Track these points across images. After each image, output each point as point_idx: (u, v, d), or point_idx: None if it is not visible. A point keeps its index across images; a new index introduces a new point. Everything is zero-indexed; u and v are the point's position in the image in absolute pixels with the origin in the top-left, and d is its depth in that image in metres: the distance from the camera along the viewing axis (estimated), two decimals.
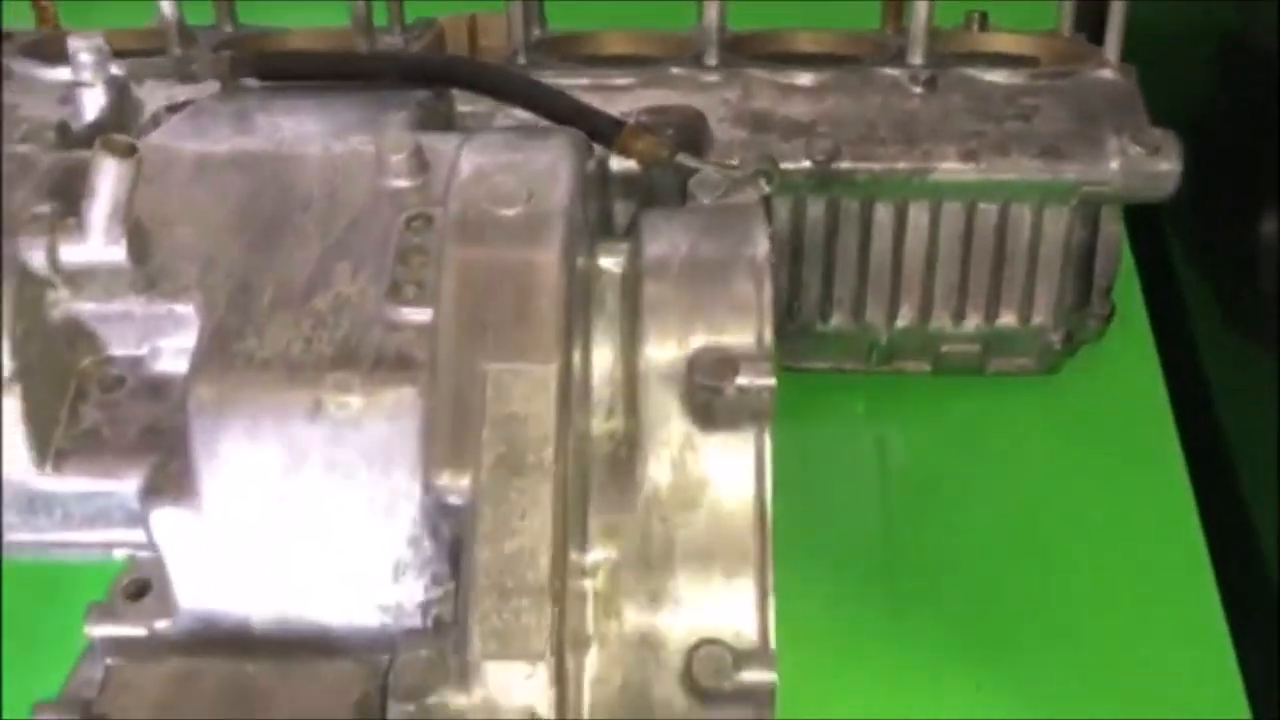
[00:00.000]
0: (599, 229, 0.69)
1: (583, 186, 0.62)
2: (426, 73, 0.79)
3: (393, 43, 0.90)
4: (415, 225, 0.61)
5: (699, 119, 0.85)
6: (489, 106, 0.80)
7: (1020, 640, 0.82)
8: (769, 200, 0.68)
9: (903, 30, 0.91)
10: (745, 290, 0.60)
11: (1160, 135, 0.85)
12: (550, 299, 0.57)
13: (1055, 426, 0.94)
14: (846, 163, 0.85)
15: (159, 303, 0.60)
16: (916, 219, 0.87)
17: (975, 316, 0.90)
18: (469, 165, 0.62)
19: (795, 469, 0.77)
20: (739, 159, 0.80)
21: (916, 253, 0.88)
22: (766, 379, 0.58)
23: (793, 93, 0.88)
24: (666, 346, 0.59)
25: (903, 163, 0.85)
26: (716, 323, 0.59)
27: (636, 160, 0.72)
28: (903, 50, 0.90)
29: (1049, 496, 0.90)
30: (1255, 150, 0.96)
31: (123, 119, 0.76)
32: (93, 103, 0.75)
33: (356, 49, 0.89)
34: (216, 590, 0.57)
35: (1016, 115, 0.87)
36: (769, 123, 0.86)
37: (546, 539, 0.52)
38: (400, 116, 0.73)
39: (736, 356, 0.58)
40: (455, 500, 0.54)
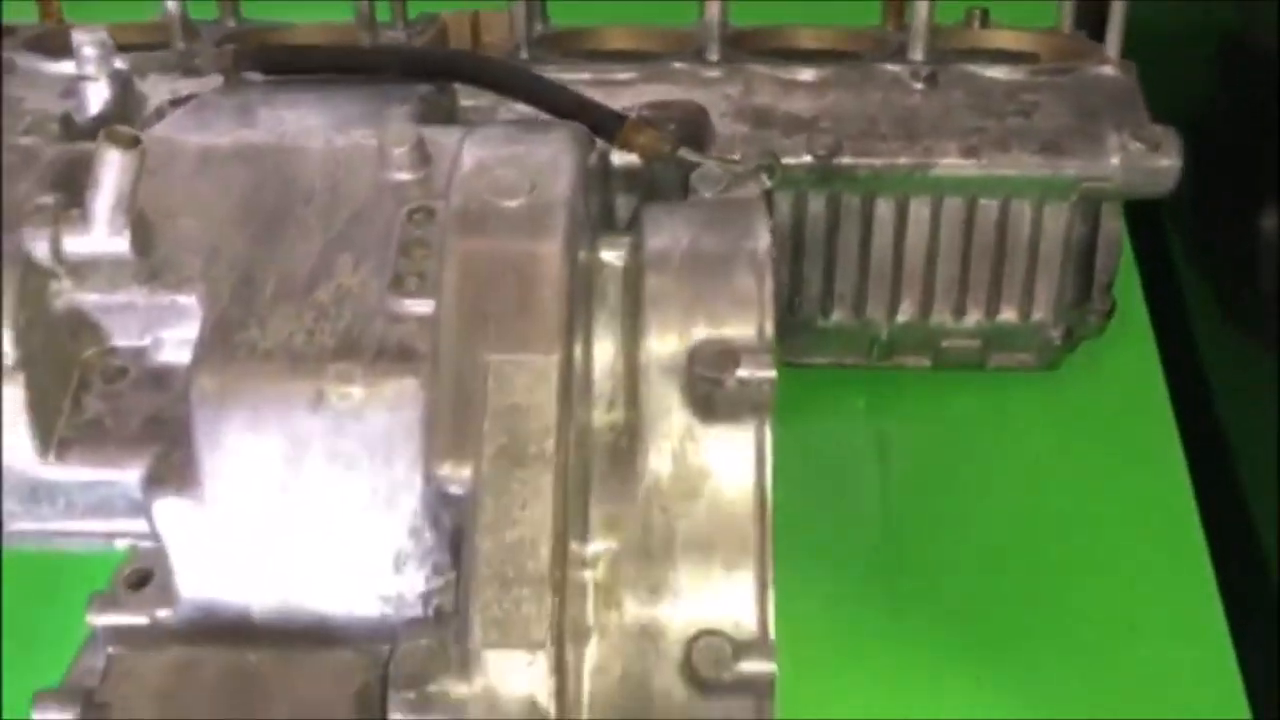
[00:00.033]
0: (601, 223, 0.69)
1: (584, 179, 0.62)
2: (429, 67, 0.79)
3: (395, 38, 0.90)
4: (417, 218, 0.61)
5: (701, 114, 0.84)
6: (491, 101, 0.80)
7: (1020, 639, 0.82)
8: (770, 195, 0.69)
9: (904, 27, 0.91)
10: (746, 283, 0.60)
11: (1160, 131, 0.85)
12: (552, 290, 0.57)
13: (1055, 422, 0.94)
14: (848, 158, 0.85)
15: (162, 294, 0.60)
16: (917, 214, 0.87)
17: (976, 312, 0.90)
18: (471, 158, 0.62)
19: (796, 464, 0.77)
20: (741, 154, 0.80)
21: (917, 248, 0.88)
22: (767, 371, 0.58)
23: (794, 88, 0.88)
24: (668, 339, 0.60)
25: (904, 158, 0.85)
26: (717, 315, 0.60)
27: (638, 155, 0.72)
28: (904, 47, 0.90)
29: (1049, 492, 0.91)
30: (1255, 148, 0.96)
31: (126, 112, 0.76)
32: (96, 96, 0.75)
33: (359, 44, 0.89)
34: (218, 580, 0.57)
35: (1017, 111, 0.87)
36: (770, 118, 0.86)
37: (547, 529, 0.52)
38: (403, 110, 0.73)
39: (737, 349, 0.58)
40: (456, 490, 0.54)
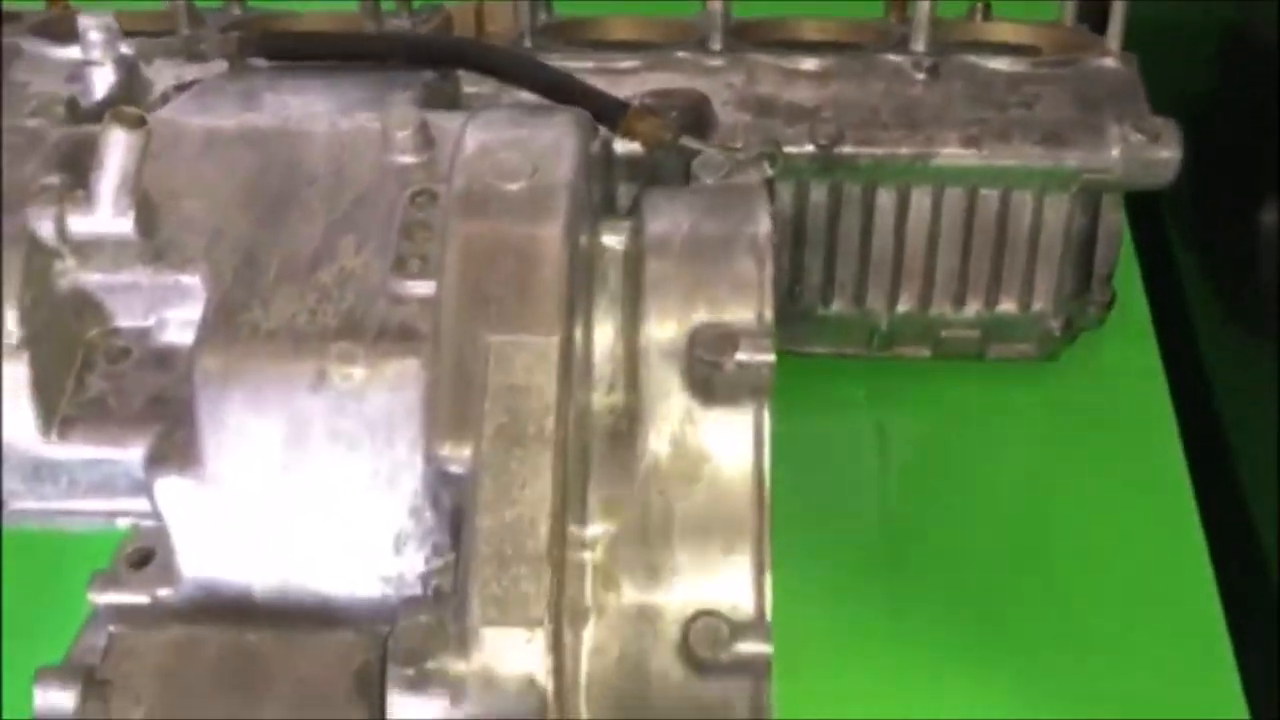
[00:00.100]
0: (603, 211, 0.69)
1: (587, 163, 0.63)
2: (433, 54, 0.79)
3: (400, 27, 0.91)
4: (420, 201, 0.61)
5: (703, 102, 0.84)
6: (495, 88, 0.80)
7: (1016, 636, 0.82)
8: (772, 184, 0.69)
9: (906, 20, 0.91)
10: (746, 268, 0.60)
11: (1161, 123, 0.85)
12: (553, 272, 0.57)
13: (1054, 413, 0.95)
14: (849, 147, 0.85)
15: (165, 274, 0.61)
16: (918, 204, 0.87)
17: (975, 302, 0.90)
18: (474, 141, 0.62)
19: (796, 453, 0.77)
20: (742, 142, 0.80)
21: (918, 238, 0.88)
22: (766, 355, 0.58)
23: (797, 78, 0.88)
24: (668, 323, 0.60)
25: (905, 148, 0.85)
26: (717, 300, 0.60)
27: (640, 142, 0.72)
28: (906, 39, 0.90)
29: (1047, 483, 0.91)
30: (1255, 143, 0.96)
31: (131, 97, 0.76)
32: (102, 81, 0.75)
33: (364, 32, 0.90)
34: (219, 559, 0.57)
35: (1019, 102, 0.87)
36: (773, 107, 0.87)
37: (546, 508, 0.53)
38: (406, 96, 0.73)
39: (737, 332, 0.58)
40: (456, 470, 0.54)
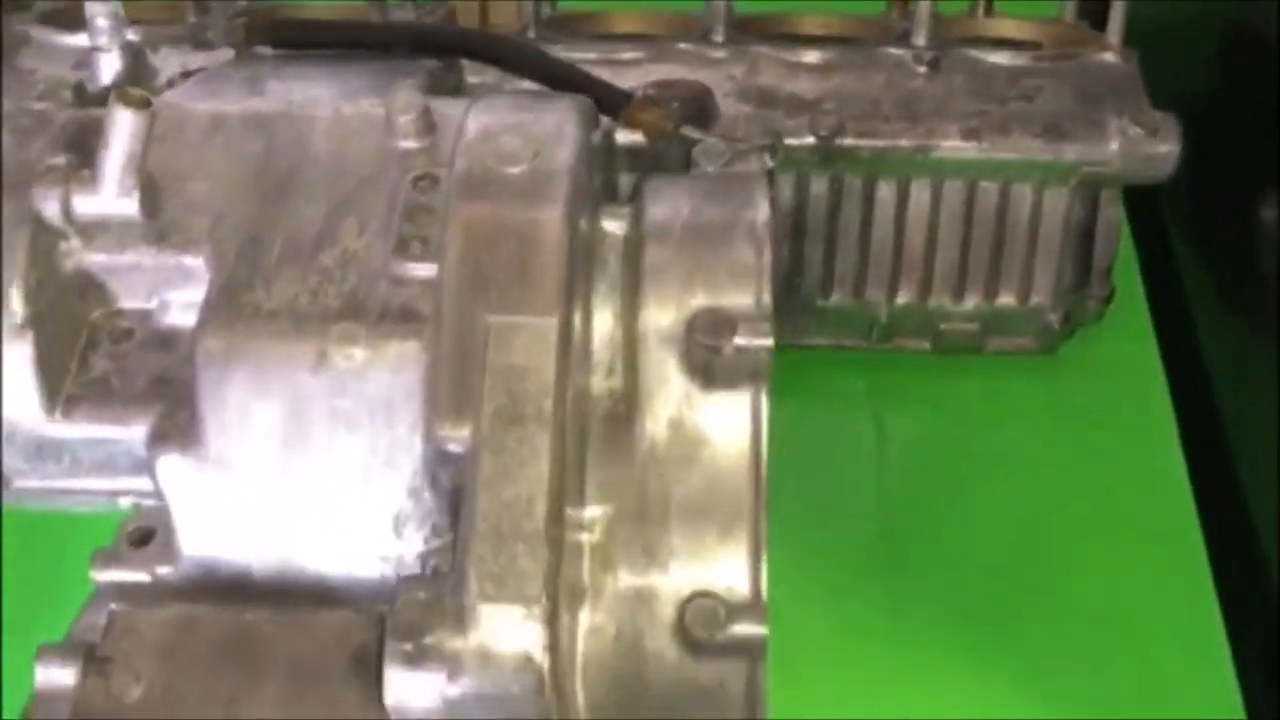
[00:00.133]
0: (604, 200, 0.70)
1: (588, 148, 0.63)
2: (438, 43, 0.79)
3: (405, 18, 0.91)
4: (422, 184, 0.62)
5: (705, 93, 0.85)
6: (498, 77, 0.80)
7: (1014, 635, 0.82)
8: (772, 175, 0.69)
9: (908, 14, 0.91)
10: (745, 253, 0.61)
11: (1160, 117, 0.85)
12: (552, 254, 0.57)
13: (1053, 407, 0.95)
14: (850, 139, 0.85)
15: (169, 255, 0.61)
16: (918, 197, 0.88)
17: (975, 295, 0.91)
18: (476, 125, 0.62)
19: (794, 445, 0.77)
20: (744, 133, 0.81)
21: (918, 231, 0.89)
22: (764, 339, 0.58)
23: (798, 70, 0.89)
24: (666, 307, 0.60)
25: (905, 140, 0.85)
26: (716, 285, 0.60)
27: (642, 132, 0.72)
28: (908, 33, 0.90)
29: (1045, 478, 0.91)
30: (1255, 138, 0.96)
31: (138, 83, 0.76)
32: (108, 67, 0.75)
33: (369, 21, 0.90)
34: (219, 538, 0.57)
35: (1019, 96, 0.87)
36: (774, 99, 0.87)
37: (544, 487, 0.53)
38: (409, 83, 0.73)
39: (735, 317, 0.59)
40: (455, 449, 0.54)
